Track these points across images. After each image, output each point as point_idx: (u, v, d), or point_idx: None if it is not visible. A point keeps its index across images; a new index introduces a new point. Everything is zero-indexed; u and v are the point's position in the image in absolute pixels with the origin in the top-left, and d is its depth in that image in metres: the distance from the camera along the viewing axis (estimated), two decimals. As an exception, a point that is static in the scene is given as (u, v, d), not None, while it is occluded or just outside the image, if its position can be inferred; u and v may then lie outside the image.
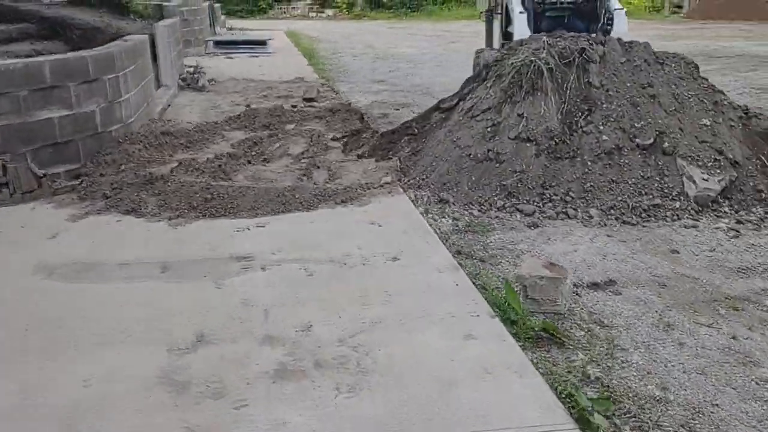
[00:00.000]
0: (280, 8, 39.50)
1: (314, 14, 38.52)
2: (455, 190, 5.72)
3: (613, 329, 3.56)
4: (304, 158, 6.52)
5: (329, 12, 38.61)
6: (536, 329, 3.42)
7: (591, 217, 5.22)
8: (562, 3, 8.06)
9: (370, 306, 3.65)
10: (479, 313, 3.56)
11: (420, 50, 19.09)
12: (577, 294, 3.96)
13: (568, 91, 5.95)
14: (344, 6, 37.53)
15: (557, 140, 5.73)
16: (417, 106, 10.70)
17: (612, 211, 5.25)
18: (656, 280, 4.16)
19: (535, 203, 5.45)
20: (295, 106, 9.20)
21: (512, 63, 6.16)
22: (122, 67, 6.55)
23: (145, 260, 4.31)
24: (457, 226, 5.20)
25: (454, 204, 5.58)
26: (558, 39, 6.32)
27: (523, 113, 5.90)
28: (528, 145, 5.76)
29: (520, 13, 7.56)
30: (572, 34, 6.90)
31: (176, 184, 5.48)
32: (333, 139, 7.15)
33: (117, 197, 5.35)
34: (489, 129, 5.94)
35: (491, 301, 3.72)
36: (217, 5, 23.30)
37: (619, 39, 6.30)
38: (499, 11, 9.43)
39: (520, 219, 5.29)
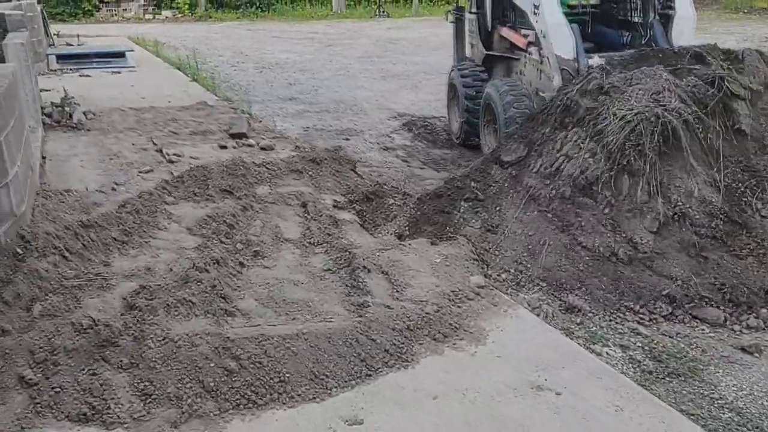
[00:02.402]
0: (109, 10, 35.14)
1: (150, 16, 34.64)
2: (583, 289, 3.82)
3: None
4: (311, 244, 4.29)
5: (167, 13, 34.95)
6: None
7: (815, 322, 3.55)
8: (583, 6, 6.14)
9: None
10: None
11: (302, 56, 16.84)
12: None
13: (719, 154, 4.19)
14: (186, 6, 34.04)
15: (726, 231, 3.96)
16: (365, 131, 8.64)
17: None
18: None
19: (718, 305, 3.68)
20: (223, 147, 6.78)
21: (623, 116, 4.23)
22: (3, 123, 3.91)
23: None
24: (636, 359, 3.31)
25: (593, 313, 3.69)
26: (678, 68, 4.51)
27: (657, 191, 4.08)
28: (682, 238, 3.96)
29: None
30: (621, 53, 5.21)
31: (158, 341, 3.05)
32: (336, 207, 4.92)
33: (51, 382, 2.85)
34: (605, 212, 4.08)
35: None
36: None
37: (758, 51, 4.61)
38: (475, 10, 7.34)
39: (713, 336, 3.52)
